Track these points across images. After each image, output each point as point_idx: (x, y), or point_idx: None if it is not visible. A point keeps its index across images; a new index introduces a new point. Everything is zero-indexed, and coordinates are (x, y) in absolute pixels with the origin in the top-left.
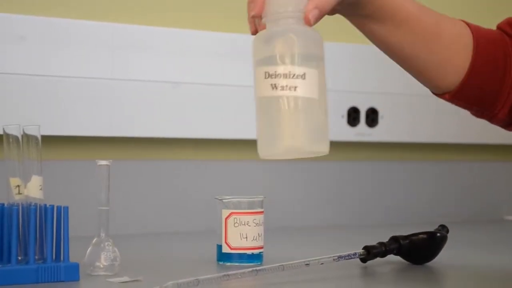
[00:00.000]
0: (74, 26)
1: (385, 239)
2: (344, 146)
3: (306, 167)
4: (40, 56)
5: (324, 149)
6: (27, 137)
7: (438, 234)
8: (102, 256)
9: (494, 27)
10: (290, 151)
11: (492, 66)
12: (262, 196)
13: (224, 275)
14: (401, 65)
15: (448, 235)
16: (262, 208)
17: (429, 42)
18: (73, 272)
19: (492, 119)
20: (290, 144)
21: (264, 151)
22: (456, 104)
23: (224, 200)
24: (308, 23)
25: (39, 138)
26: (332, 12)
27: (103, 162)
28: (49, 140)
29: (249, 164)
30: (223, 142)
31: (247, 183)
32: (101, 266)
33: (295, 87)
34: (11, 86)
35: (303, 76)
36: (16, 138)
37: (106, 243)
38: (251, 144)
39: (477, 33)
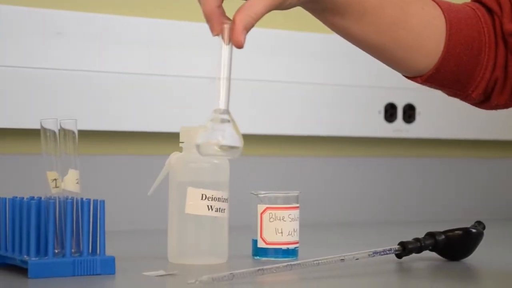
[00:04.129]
0: (111, 21)
1: (421, 235)
2: (380, 142)
3: (343, 163)
4: (77, 51)
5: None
6: (64, 132)
7: (474, 230)
8: (225, 133)
9: None
10: None
11: (466, 47)
12: (297, 191)
13: (259, 269)
14: (368, 53)
15: (485, 231)
16: (297, 203)
17: (396, 31)
18: (109, 266)
19: (465, 98)
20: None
21: None
22: (428, 86)
23: (260, 195)
24: (238, 45)
25: (76, 132)
26: (287, 6)
27: (225, 25)
28: (86, 135)
29: (285, 160)
30: (258, 138)
31: (283, 179)
32: (220, 145)
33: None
34: (49, 81)
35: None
36: (53, 132)
37: (227, 118)
38: (286, 139)
39: (449, 14)
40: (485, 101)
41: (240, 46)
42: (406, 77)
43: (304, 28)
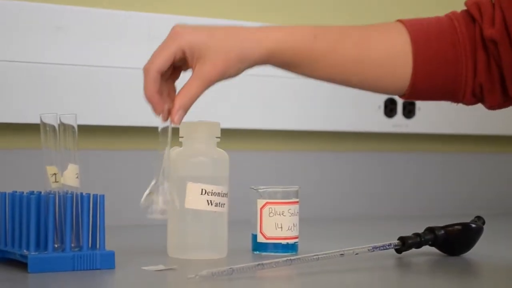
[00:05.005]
0: (111, 16)
1: (421, 230)
2: (380, 137)
3: (343, 157)
4: (77, 46)
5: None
6: (63, 126)
7: (474, 226)
8: (160, 199)
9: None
10: None
11: (439, 61)
12: (297, 186)
13: (259, 264)
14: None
15: (485, 226)
16: (297, 198)
17: (356, 67)
18: (109, 260)
19: (459, 103)
20: None
21: None
22: (414, 100)
23: (259, 190)
24: (177, 123)
25: (76, 127)
26: (228, 78)
27: (166, 106)
28: (86, 129)
29: (285, 155)
30: (258, 133)
31: (283, 173)
32: (158, 208)
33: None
34: (49, 76)
35: None
36: (53, 127)
37: (163, 187)
38: (286, 134)
39: (415, 33)
40: (481, 102)
41: (177, 123)
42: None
43: (305, 23)
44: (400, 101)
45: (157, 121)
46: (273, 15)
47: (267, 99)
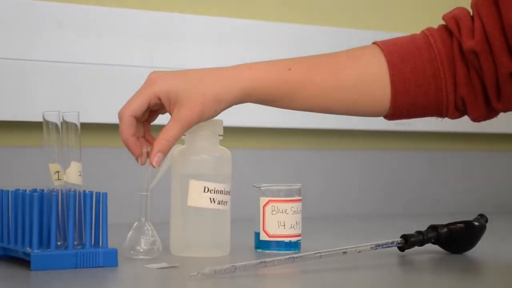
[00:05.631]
0: (112, 14)
1: (423, 228)
2: (383, 135)
3: (346, 155)
4: (79, 43)
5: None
6: (66, 124)
7: (477, 223)
8: (142, 240)
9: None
10: None
11: (418, 80)
12: (300, 184)
13: (261, 262)
14: None
15: (487, 224)
16: (300, 196)
17: (334, 95)
18: (111, 258)
19: (444, 118)
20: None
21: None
22: (398, 120)
23: (262, 188)
24: (156, 166)
25: (78, 124)
26: (207, 119)
27: (144, 149)
28: (88, 127)
29: (288, 153)
30: (261, 131)
31: (285, 171)
32: (141, 250)
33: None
34: (50, 74)
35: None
36: (56, 125)
37: (146, 228)
38: (289, 132)
39: (391, 54)
40: (466, 115)
41: (156, 167)
42: None
43: (308, 21)
44: None
45: (160, 118)
46: (274, 13)
47: None
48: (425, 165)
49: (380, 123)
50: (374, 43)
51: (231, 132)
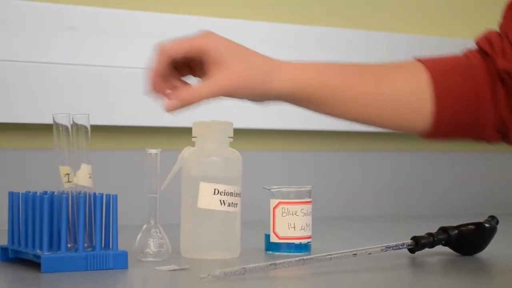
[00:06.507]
0: (124, 16)
1: (434, 229)
2: (394, 136)
3: (356, 157)
4: (90, 46)
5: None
6: (76, 126)
7: (488, 225)
8: (151, 243)
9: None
10: None
11: (460, 95)
12: (310, 186)
13: (271, 264)
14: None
15: (498, 226)
16: (310, 198)
17: (375, 103)
18: (121, 260)
19: (483, 141)
20: None
21: None
22: (436, 140)
23: (272, 190)
24: (167, 110)
25: (88, 127)
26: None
27: (153, 151)
28: (98, 130)
29: (298, 154)
30: (271, 133)
31: (295, 173)
32: (150, 252)
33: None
34: (61, 76)
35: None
36: (66, 127)
37: (155, 230)
38: (299, 134)
39: (433, 70)
40: (504, 140)
41: (167, 110)
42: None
43: (317, 23)
44: None
45: (170, 120)
46: (283, 15)
47: None
48: (436, 166)
49: None
50: (416, 59)
51: (241, 134)
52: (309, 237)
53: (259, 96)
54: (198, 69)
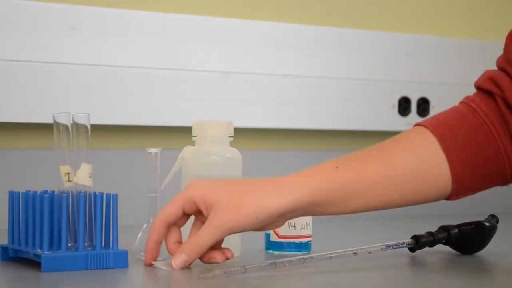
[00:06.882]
0: (124, 16)
1: (434, 228)
2: (392, 136)
3: None
4: (91, 46)
5: None
6: (76, 126)
7: (488, 224)
8: None
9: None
10: None
11: (473, 148)
12: None
13: (271, 263)
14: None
15: (498, 225)
16: None
17: (389, 186)
18: (122, 259)
19: (510, 185)
20: None
21: None
22: (464, 197)
23: None
24: (175, 267)
25: (89, 126)
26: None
27: (153, 150)
28: (99, 129)
29: (298, 154)
30: (271, 132)
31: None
32: None
33: None
34: (62, 76)
35: None
36: (66, 126)
37: None
38: (299, 133)
39: (438, 129)
40: None
41: (175, 267)
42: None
43: (319, 22)
44: (414, 100)
45: (170, 120)
46: (283, 15)
47: (280, 98)
48: None
49: (390, 123)
50: (416, 124)
51: (241, 133)
52: (310, 236)
53: (263, 222)
54: (198, 213)
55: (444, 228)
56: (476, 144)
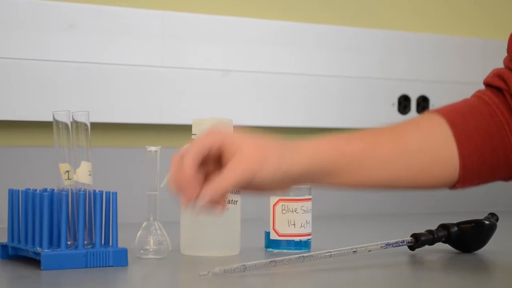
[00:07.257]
0: (123, 13)
1: (434, 226)
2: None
3: None
4: (90, 44)
5: None
6: (76, 124)
7: (487, 222)
8: (151, 240)
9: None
10: None
11: (483, 135)
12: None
13: (271, 261)
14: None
15: (498, 223)
16: (310, 195)
17: (399, 162)
18: (121, 257)
19: None
20: None
21: None
22: (469, 187)
23: None
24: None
25: (88, 124)
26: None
27: (153, 148)
28: (98, 127)
29: None
30: (271, 130)
31: None
32: (150, 249)
33: None
34: (61, 74)
35: None
36: (66, 124)
37: (155, 227)
38: (300, 131)
39: (450, 115)
40: None
41: (196, 212)
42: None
43: (318, 20)
44: (414, 98)
45: (170, 118)
46: (284, 13)
47: (280, 96)
48: None
49: (390, 121)
50: (427, 111)
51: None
52: (309, 234)
53: (278, 179)
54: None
55: (444, 227)
56: (486, 133)
